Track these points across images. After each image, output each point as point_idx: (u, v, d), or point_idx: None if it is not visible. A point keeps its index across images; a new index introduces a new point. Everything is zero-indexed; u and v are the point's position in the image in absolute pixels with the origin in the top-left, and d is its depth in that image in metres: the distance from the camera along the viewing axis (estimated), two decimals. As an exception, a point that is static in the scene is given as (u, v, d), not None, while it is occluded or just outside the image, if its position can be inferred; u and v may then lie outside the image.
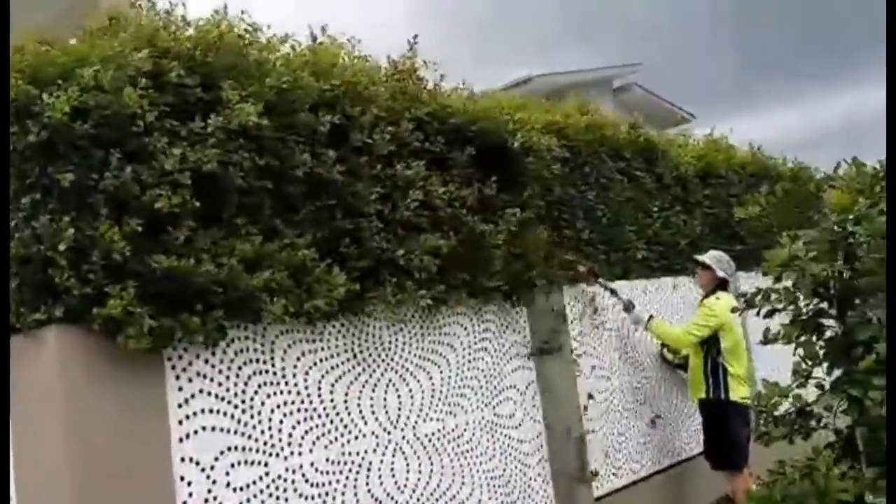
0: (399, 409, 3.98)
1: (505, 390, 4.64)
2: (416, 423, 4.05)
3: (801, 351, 3.53)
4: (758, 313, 3.46)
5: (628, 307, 5.40)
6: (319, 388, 3.62)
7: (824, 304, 3.57)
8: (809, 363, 3.51)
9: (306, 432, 3.53)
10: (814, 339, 3.60)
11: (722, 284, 5.22)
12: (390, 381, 3.96)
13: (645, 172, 6.22)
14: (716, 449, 5.24)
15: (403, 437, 3.97)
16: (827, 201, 3.42)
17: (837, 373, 3.49)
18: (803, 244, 3.41)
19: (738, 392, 5.06)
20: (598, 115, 6.01)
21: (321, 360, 3.65)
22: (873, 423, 3.27)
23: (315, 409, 3.59)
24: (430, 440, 4.10)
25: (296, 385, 3.52)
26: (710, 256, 5.32)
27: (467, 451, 4.31)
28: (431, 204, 4.02)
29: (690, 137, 7.42)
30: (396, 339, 4.02)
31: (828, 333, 3.57)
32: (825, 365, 3.52)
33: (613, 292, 5.40)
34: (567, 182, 5.16)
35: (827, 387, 3.51)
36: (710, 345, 5.15)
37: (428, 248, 3.88)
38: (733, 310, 4.67)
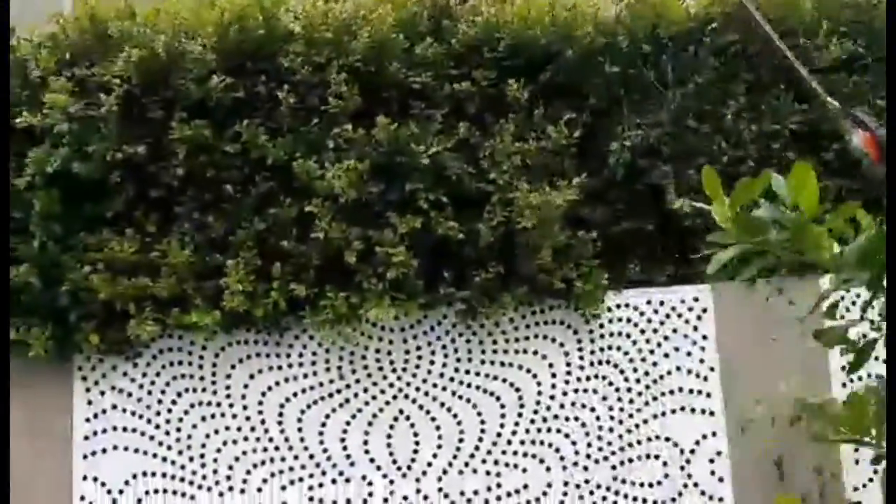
0: (415, 451, 2.94)
1: (643, 442, 2.96)
2: (442, 473, 2.93)
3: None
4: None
5: None
6: (280, 417, 2.94)
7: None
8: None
9: (260, 470, 2.92)
10: None
11: None
12: (401, 412, 2.95)
13: None
14: None
15: (418, 491, 2.92)
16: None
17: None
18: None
19: None
20: None
21: (284, 381, 2.96)
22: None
23: (274, 443, 2.92)
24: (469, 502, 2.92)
25: (245, 411, 2.94)
26: None
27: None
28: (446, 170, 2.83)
29: None
30: (415, 357, 2.96)
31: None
32: None
33: None
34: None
35: None
36: None
37: (392, 238, 2.74)
38: None
